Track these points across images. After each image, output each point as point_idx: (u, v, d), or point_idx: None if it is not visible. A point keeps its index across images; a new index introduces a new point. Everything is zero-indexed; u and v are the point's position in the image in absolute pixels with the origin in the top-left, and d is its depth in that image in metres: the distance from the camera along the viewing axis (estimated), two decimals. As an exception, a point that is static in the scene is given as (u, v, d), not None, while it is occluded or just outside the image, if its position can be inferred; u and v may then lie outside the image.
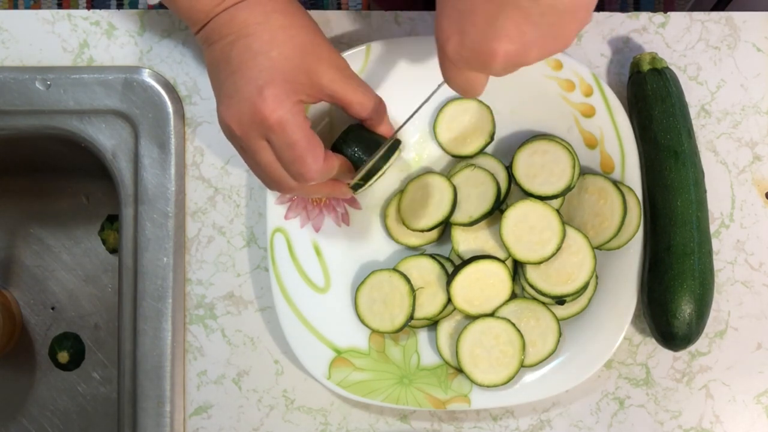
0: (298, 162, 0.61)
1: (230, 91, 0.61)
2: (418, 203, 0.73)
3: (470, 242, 0.73)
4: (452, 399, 0.72)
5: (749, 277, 0.75)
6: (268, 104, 0.59)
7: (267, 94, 0.59)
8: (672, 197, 0.71)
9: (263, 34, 0.61)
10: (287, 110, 0.60)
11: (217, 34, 0.62)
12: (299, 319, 0.72)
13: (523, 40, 0.53)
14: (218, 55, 0.62)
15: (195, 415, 0.75)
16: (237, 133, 0.61)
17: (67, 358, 0.90)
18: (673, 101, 0.72)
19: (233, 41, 0.62)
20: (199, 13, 0.63)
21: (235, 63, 0.61)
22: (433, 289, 0.72)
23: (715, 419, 0.75)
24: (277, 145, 0.61)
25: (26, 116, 0.76)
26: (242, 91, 0.60)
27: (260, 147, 0.61)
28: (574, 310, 0.73)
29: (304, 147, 0.60)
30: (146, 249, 0.74)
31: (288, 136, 0.60)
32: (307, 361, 0.72)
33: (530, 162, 0.71)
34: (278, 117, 0.59)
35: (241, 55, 0.61)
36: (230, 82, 0.61)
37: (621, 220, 0.71)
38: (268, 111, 0.59)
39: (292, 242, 0.73)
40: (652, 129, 0.72)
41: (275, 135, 0.60)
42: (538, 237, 0.70)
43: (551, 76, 0.73)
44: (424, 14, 0.77)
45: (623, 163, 0.73)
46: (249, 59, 0.61)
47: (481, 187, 0.72)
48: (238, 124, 0.61)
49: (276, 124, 0.60)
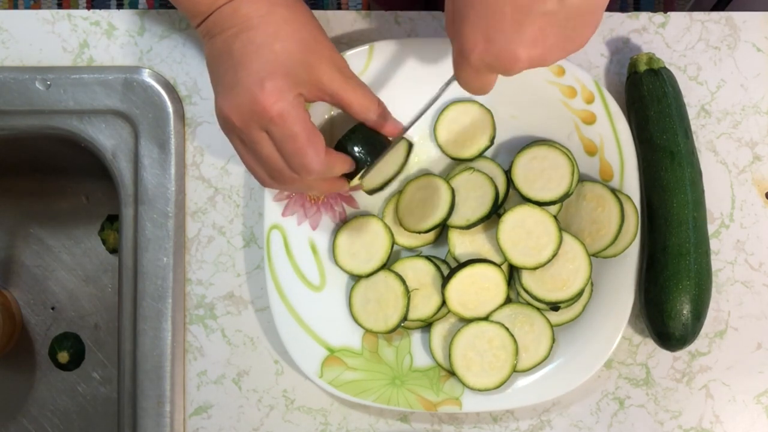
0: (300, 153, 0.61)
1: (231, 82, 0.61)
2: (416, 205, 0.73)
3: (467, 245, 0.73)
4: (443, 401, 0.72)
5: (749, 277, 0.75)
6: (269, 96, 0.59)
7: (268, 86, 0.59)
8: (668, 197, 0.71)
9: (267, 27, 0.61)
10: (288, 102, 0.60)
11: (219, 26, 0.62)
12: (293, 317, 0.72)
13: (547, 44, 0.54)
14: (220, 47, 0.62)
15: (195, 415, 0.75)
16: (237, 124, 0.61)
17: (67, 358, 0.90)
18: (669, 101, 0.72)
19: (236, 33, 0.62)
20: (201, 5, 0.63)
21: (237, 55, 0.61)
22: (428, 291, 0.72)
23: (715, 419, 0.75)
24: (278, 137, 0.61)
25: (26, 116, 0.76)
26: (243, 83, 0.60)
27: (260, 138, 0.61)
28: (569, 316, 0.73)
29: (306, 139, 0.60)
30: (146, 249, 0.74)
31: (289, 127, 0.60)
32: (300, 359, 0.72)
33: (529, 167, 0.71)
34: (279, 109, 0.59)
35: (243, 47, 0.61)
36: (231, 74, 0.61)
37: (618, 228, 0.71)
38: (269, 103, 0.59)
39: (288, 239, 0.73)
40: (648, 129, 0.72)
41: (276, 127, 0.60)
42: (534, 242, 0.70)
43: (553, 82, 0.73)
44: (424, 14, 0.77)
45: (622, 172, 0.73)
46: (251, 51, 0.61)
47: (480, 190, 0.72)
48: (238, 115, 0.61)
49: (277, 115, 0.60)
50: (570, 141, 0.74)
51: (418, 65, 0.73)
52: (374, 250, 0.73)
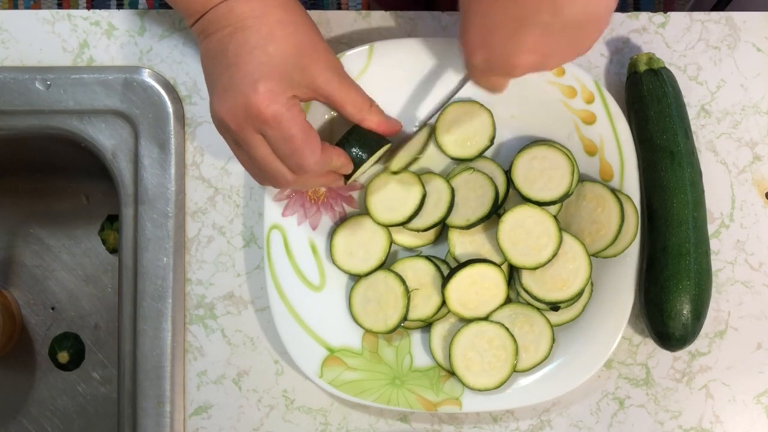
0: (297, 154, 0.61)
1: (225, 84, 0.61)
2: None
3: (466, 245, 0.73)
4: (443, 401, 0.72)
5: (749, 277, 0.75)
6: (262, 98, 0.60)
7: (262, 89, 0.60)
8: (668, 197, 0.71)
9: (261, 27, 0.61)
10: (282, 104, 0.60)
11: (214, 25, 0.63)
12: (293, 317, 0.72)
13: (544, 52, 0.57)
14: (214, 46, 0.63)
15: (195, 415, 0.75)
16: (231, 126, 0.61)
17: (67, 358, 0.90)
18: (669, 101, 0.72)
19: (231, 33, 0.62)
20: (195, 3, 0.63)
21: (232, 56, 0.61)
22: (428, 291, 0.72)
23: (715, 419, 0.75)
24: (273, 138, 0.61)
25: (26, 116, 0.76)
26: (237, 85, 0.60)
27: (255, 141, 0.62)
28: (569, 316, 0.73)
29: (302, 139, 0.61)
30: (146, 249, 0.74)
31: (284, 129, 0.60)
32: (300, 359, 0.72)
33: (529, 167, 0.71)
34: (273, 111, 0.60)
35: (238, 48, 0.61)
36: (226, 75, 0.61)
37: (618, 229, 0.71)
38: (264, 105, 0.60)
39: (288, 239, 0.73)
40: (648, 129, 0.72)
41: (271, 129, 0.60)
42: (534, 242, 0.70)
43: (553, 82, 0.73)
44: (424, 14, 0.77)
45: (622, 172, 0.73)
46: (245, 53, 0.61)
47: (480, 190, 0.72)
48: (232, 118, 0.61)
49: (271, 118, 0.60)
50: (570, 141, 0.73)
51: (418, 65, 0.73)
52: (372, 249, 0.73)
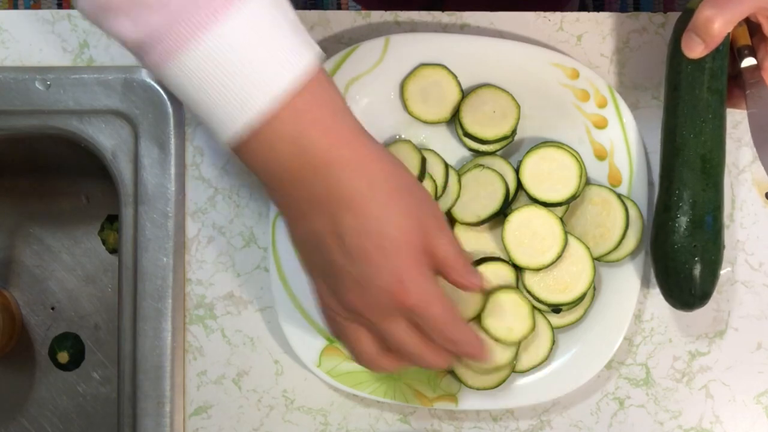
0: (449, 329, 0.58)
1: (357, 278, 0.57)
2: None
3: (472, 244, 0.73)
4: (439, 397, 0.72)
5: (749, 277, 0.75)
6: (409, 291, 0.56)
7: (407, 282, 0.56)
8: (692, 129, 0.69)
9: (372, 208, 0.56)
10: (425, 290, 0.57)
11: (313, 204, 0.57)
12: (294, 304, 0.72)
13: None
14: (320, 228, 0.57)
15: (195, 415, 0.75)
16: (371, 318, 0.58)
17: (67, 358, 0.90)
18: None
19: (340, 216, 0.56)
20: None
21: (354, 250, 0.56)
22: None
23: (715, 419, 0.75)
24: (419, 320, 0.58)
25: (26, 116, 0.76)
26: (375, 282, 0.56)
27: (396, 327, 0.59)
28: (570, 319, 0.72)
29: (451, 318, 0.58)
30: (146, 249, 0.74)
31: (431, 311, 0.58)
32: (299, 348, 0.72)
33: (538, 167, 0.71)
34: (417, 299, 0.57)
35: (356, 239, 0.56)
36: (357, 270, 0.57)
37: (622, 233, 0.71)
38: (411, 296, 0.57)
39: None
40: (681, 74, 0.69)
41: (416, 315, 0.58)
42: (539, 243, 0.70)
43: (567, 85, 0.73)
44: (424, 14, 0.77)
45: (631, 178, 0.73)
46: (370, 247, 0.56)
47: (490, 187, 0.71)
48: (372, 310, 0.58)
49: (416, 304, 0.57)
50: (581, 144, 0.74)
51: (432, 59, 0.73)
52: None
